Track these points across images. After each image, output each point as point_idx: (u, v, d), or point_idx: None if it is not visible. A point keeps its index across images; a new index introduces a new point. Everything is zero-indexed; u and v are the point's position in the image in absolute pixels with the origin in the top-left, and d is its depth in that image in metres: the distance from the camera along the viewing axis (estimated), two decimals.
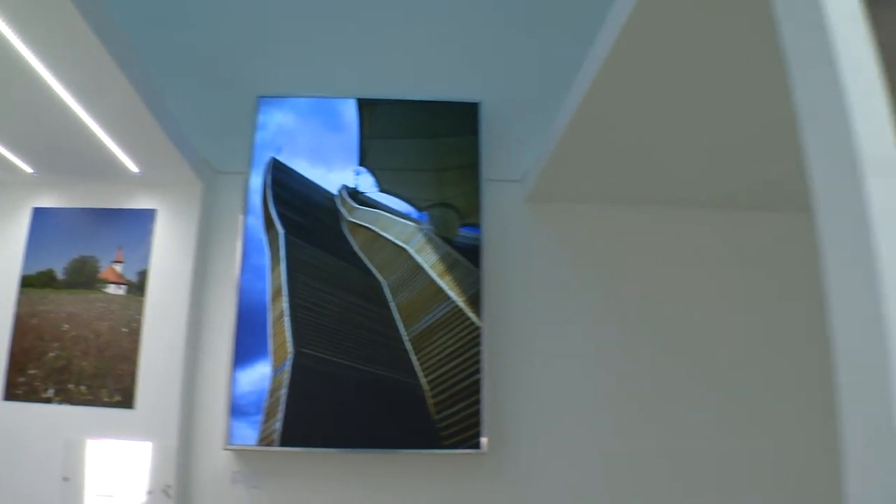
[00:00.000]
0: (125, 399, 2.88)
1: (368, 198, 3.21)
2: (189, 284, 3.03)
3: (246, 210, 3.15)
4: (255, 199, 3.16)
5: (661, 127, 2.45)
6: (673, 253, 3.27)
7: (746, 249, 3.26)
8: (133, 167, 2.91)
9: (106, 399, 2.87)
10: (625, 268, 3.26)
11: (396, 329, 3.06)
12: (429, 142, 3.29)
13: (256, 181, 3.18)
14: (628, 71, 2.03)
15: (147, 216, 3.08)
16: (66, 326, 2.95)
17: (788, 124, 1.24)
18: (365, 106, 3.32)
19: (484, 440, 2.95)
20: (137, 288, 2.99)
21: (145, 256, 3.03)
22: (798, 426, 3.01)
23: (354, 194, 3.21)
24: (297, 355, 2.97)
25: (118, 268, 3.00)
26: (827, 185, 1.07)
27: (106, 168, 2.89)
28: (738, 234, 3.28)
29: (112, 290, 2.97)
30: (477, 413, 2.96)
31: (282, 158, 3.22)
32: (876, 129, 0.99)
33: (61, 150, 2.75)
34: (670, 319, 3.19)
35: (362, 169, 3.24)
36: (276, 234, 3.12)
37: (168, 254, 3.06)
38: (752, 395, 3.08)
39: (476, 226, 3.18)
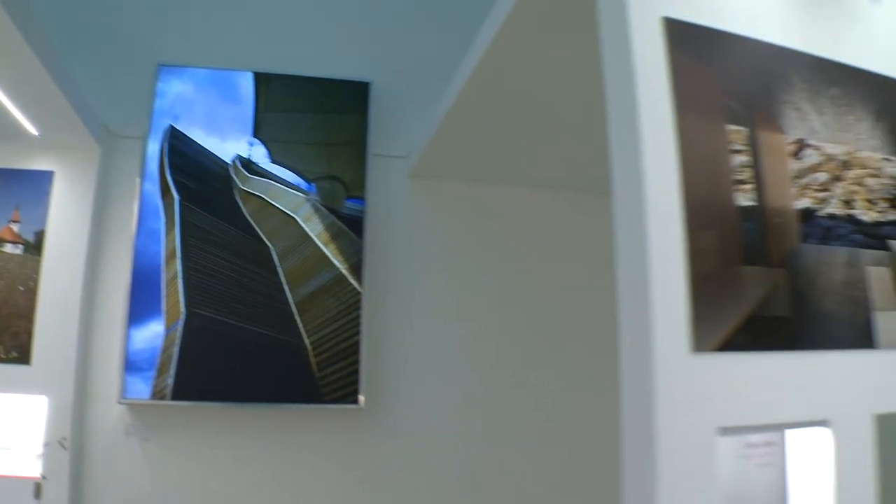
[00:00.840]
0: (22, 355, 3.14)
1: (261, 168, 3.51)
2: (85, 245, 3.27)
3: (143, 175, 3.40)
4: (152, 166, 3.42)
5: (532, 115, 2.79)
6: (538, 229, 3.69)
7: (605, 230, 3.64)
8: (32, 129, 3.04)
9: (2, 356, 3.13)
10: (495, 241, 3.65)
11: (283, 292, 3.38)
12: (320, 117, 3.59)
13: (154, 148, 3.44)
14: (504, 63, 2.36)
15: (45, 177, 3.29)
16: None
17: None
18: (261, 79, 3.60)
19: (362, 397, 3.30)
20: (34, 247, 3.24)
21: (42, 217, 3.26)
22: None
23: (247, 164, 3.51)
24: (189, 315, 3.27)
25: (15, 227, 3.24)
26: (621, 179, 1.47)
27: (4, 129, 3.02)
28: (598, 216, 3.67)
29: (9, 249, 3.22)
30: (356, 372, 3.31)
31: (179, 126, 3.48)
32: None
33: None
34: (534, 289, 3.61)
35: (256, 140, 3.53)
36: (172, 199, 3.40)
37: (65, 215, 3.26)
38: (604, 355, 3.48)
39: (361, 198, 3.50)
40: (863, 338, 1.66)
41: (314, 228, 3.39)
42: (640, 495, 1.40)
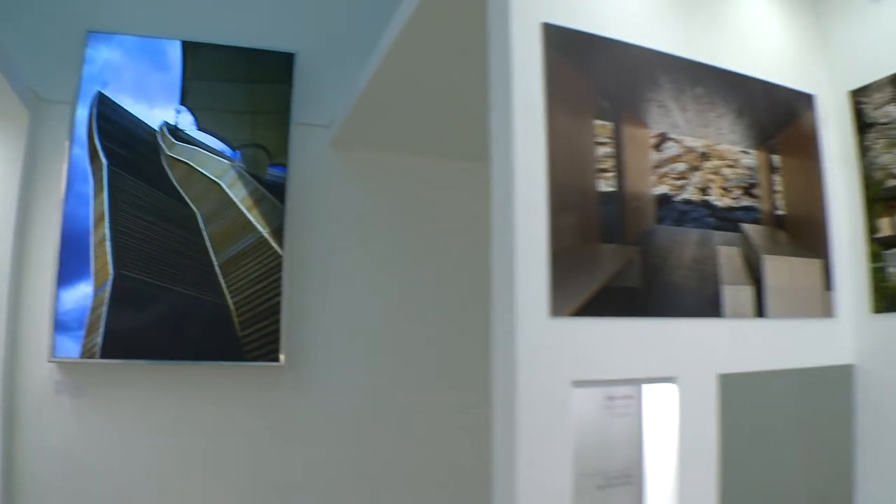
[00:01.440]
0: None
1: (187, 135, 3.64)
2: (15, 208, 3.38)
3: (71, 140, 3.50)
4: (81, 131, 3.52)
5: (443, 89, 3.00)
6: (447, 196, 3.95)
7: None
8: None
9: None
10: (408, 207, 3.89)
11: (208, 255, 3.55)
12: (246, 87, 3.74)
13: (83, 113, 3.53)
14: (417, 43, 2.53)
15: None
16: None
17: None
18: (189, 48, 3.72)
19: (282, 355, 3.52)
20: None
21: None
22: None
23: (174, 131, 3.64)
24: (117, 276, 3.42)
25: None
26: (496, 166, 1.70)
27: None
28: None
29: None
30: (277, 331, 3.52)
31: (108, 93, 3.59)
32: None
33: None
34: (442, 252, 3.89)
35: (183, 108, 3.66)
36: (101, 164, 3.52)
37: None
38: None
39: (284, 165, 3.68)
40: (711, 307, 1.94)
41: (238, 194, 3.56)
42: (506, 437, 1.66)
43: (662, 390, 1.89)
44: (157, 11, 3.74)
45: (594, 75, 1.84)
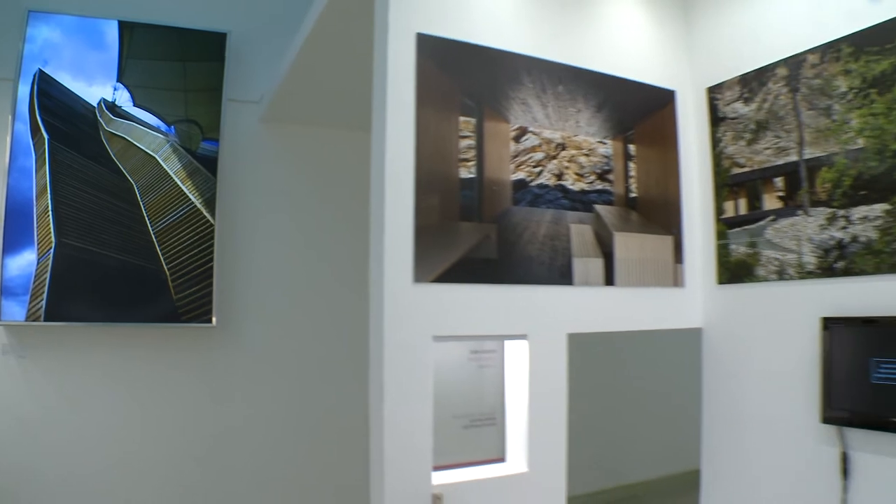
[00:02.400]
0: None
1: (124, 111, 3.99)
2: None
3: (14, 116, 3.84)
4: (23, 107, 3.85)
5: (359, 69, 3.35)
6: (365, 166, 4.34)
7: None
8: None
9: None
10: (330, 177, 4.28)
11: (145, 224, 3.92)
12: (181, 65, 4.09)
13: (24, 90, 3.86)
14: (333, 29, 2.84)
15: None
16: None
17: None
18: (125, 28, 4.05)
19: (214, 317, 3.92)
20: None
21: None
22: None
23: (112, 107, 3.98)
24: (59, 245, 3.79)
25: None
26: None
27: None
28: None
29: None
30: (209, 294, 3.91)
31: (48, 71, 3.91)
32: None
33: None
34: (363, 217, 4.29)
35: (120, 85, 4.00)
36: (42, 139, 3.86)
37: None
38: None
39: (216, 140, 4.05)
40: (562, 276, 2.37)
41: (172, 167, 3.93)
42: (376, 382, 2.09)
43: (519, 346, 2.33)
44: None
45: (460, 77, 2.24)
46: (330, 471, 4.12)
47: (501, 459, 2.32)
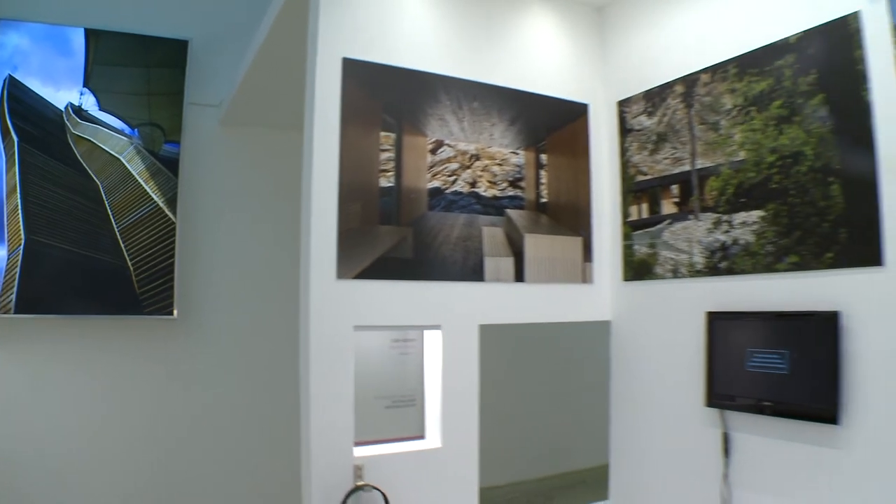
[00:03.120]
0: None
1: (90, 115, 4.35)
2: None
3: None
4: None
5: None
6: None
7: None
8: None
9: None
10: (286, 177, 4.55)
11: (110, 222, 4.29)
12: (144, 70, 4.45)
13: None
14: (284, 40, 3.15)
15: None
16: None
17: None
18: (91, 35, 4.40)
19: (176, 310, 4.30)
20: None
21: None
22: None
23: (79, 111, 4.34)
24: (29, 241, 4.14)
25: None
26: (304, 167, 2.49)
27: None
28: None
29: None
30: (171, 288, 4.28)
31: (17, 76, 4.26)
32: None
33: None
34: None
35: (86, 90, 4.36)
36: (12, 141, 4.21)
37: None
38: None
39: (177, 142, 4.42)
40: (474, 273, 2.75)
41: (136, 168, 4.30)
42: (304, 367, 2.46)
43: (435, 336, 2.71)
44: (63, 0, 4.41)
45: (382, 97, 2.61)
46: (280, 445, 4.51)
47: (421, 437, 2.70)
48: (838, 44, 2.26)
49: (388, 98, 2.59)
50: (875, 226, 2.12)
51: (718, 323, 2.61)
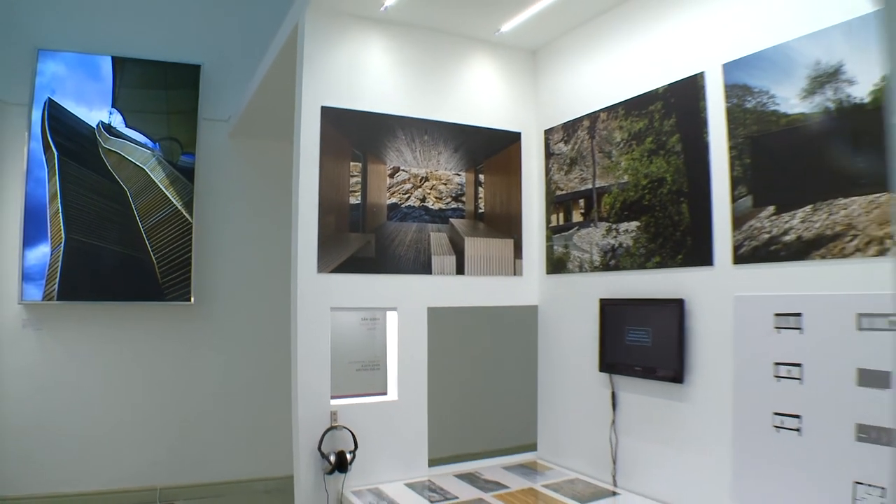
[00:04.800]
0: None
1: (118, 131, 5.54)
2: None
3: (29, 136, 5.39)
4: (37, 129, 5.36)
5: None
6: None
7: None
8: None
9: None
10: (287, 183, 5.72)
11: (136, 222, 5.49)
12: (163, 92, 5.64)
13: (37, 115, 5.36)
14: (286, 67, 4.42)
15: None
16: None
17: None
18: (118, 62, 5.59)
19: (192, 296, 5.51)
20: None
21: None
22: None
23: (108, 128, 5.53)
24: (68, 240, 5.34)
25: None
26: (295, 189, 3.72)
27: None
28: None
29: None
30: (188, 278, 5.47)
31: (56, 98, 5.45)
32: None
33: None
34: None
35: (114, 110, 5.54)
36: (53, 155, 5.40)
37: None
38: None
39: (193, 153, 5.63)
40: (424, 268, 3.91)
41: (158, 176, 5.48)
42: (294, 339, 3.63)
43: (393, 315, 3.89)
44: (92, 33, 5.55)
45: (351, 135, 3.77)
46: (277, 399, 5.68)
47: (384, 393, 3.85)
48: (690, 96, 3.20)
49: (356, 135, 3.74)
50: (709, 236, 3.07)
51: (607, 307, 3.68)
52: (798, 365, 2.60)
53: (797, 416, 2.58)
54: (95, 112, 5.41)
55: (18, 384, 5.15)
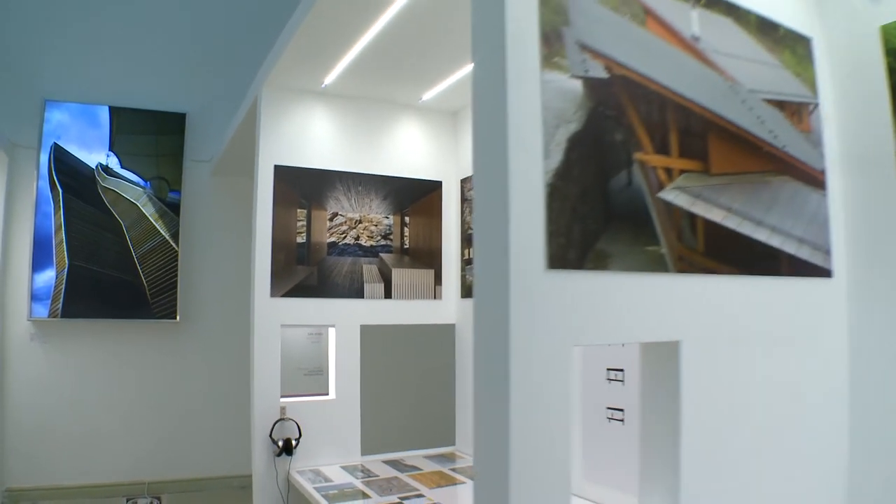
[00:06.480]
0: None
1: (114, 171, 6.89)
2: (1, 221, 6.66)
3: (38, 175, 6.80)
4: (44, 170, 6.68)
5: None
6: None
7: None
8: None
9: None
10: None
11: (130, 250, 6.86)
12: (153, 137, 7.01)
13: (44, 157, 6.67)
14: (253, 121, 5.88)
15: None
16: None
17: None
18: (114, 111, 6.95)
19: (178, 315, 6.91)
20: None
21: None
22: None
23: (106, 168, 6.91)
24: (71, 265, 6.64)
25: None
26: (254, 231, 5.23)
27: None
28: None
29: None
30: (174, 300, 6.81)
31: (60, 143, 6.83)
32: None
33: None
34: None
35: (111, 153, 6.94)
36: (58, 192, 6.74)
37: None
38: None
39: (179, 190, 7.01)
40: (357, 293, 5.29)
41: (149, 211, 6.86)
42: (252, 352, 5.09)
43: (332, 332, 5.31)
44: (92, 86, 6.88)
45: (298, 187, 5.19)
46: (242, 400, 7.09)
47: (325, 393, 5.25)
48: None
49: (302, 188, 5.16)
50: None
51: None
52: (621, 370, 3.54)
53: (622, 409, 3.30)
54: (95, 155, 6.70)
55: (26, 389, 6.36)
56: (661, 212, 2.11)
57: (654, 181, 2.12)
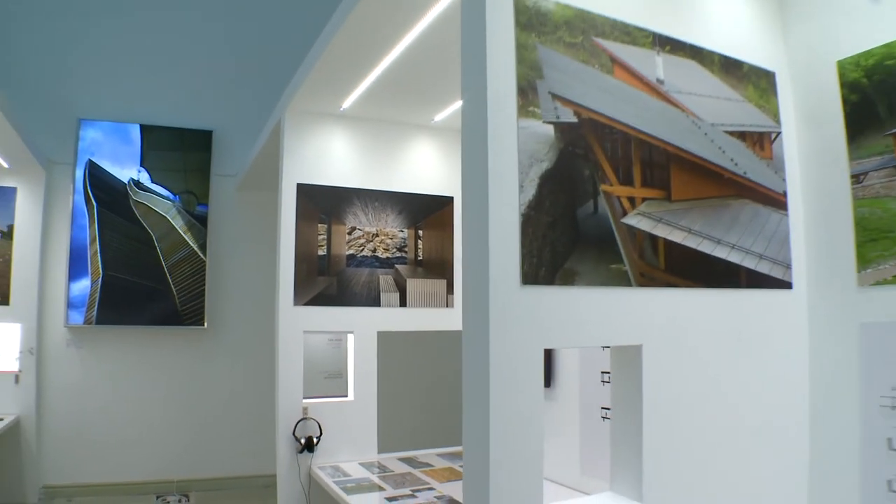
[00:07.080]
0: (4, 299, 6.88)
1: (145, 186, 7.36)
2: (39, 233, 6.82)
3: (74, 190, 7.25)
4: (80, 185, 7.15)
5: None
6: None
7: None
8: (4, 163, 6.68)
9: None
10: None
11: (160, 261, 7.35)
12: (182, 153, 7.48)
13: (80, 173, 7.16)
14: (278, 141, 6.33)
15: (12, 191, 6.78)
16: None
17: None
18: (145, 129, 7.42)
19: (206, 322, 7.38)
20: (7, 235, 6.94)
21: (11, 215, 6.79)
22: None
23: (137, 183, 7.37)
24: (105, 275, 7.13)
25: None
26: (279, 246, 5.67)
27: None
28: None
29: None
30: (202, 307, 7.29)
31: (95, 159, 7.30)
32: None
33: None
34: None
35: (142, 168, 7.40)
36: (93, 206, 7.20)
37: (26, 214, 6.76)
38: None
39: (206, 204, 7.47)
40: (374, 302, 5.72)
41: (178, 223, 7.32)
42: (277, 356, 5.51)
43: (351, 337, 5.73)
44: (124, 106, 7.39)
45: (319, 204, 5.61)
46: (267, 400, 7.54)
47: (345, 395, 5.67)
48: None
49: (323, 204, 5.58)
50: None
51: None
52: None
53: None
54: (127, 170, 7.20)
55: (62, 393, 6.88)
56: (625, 235, 2.50)
57: (618, 208, 2.51)
